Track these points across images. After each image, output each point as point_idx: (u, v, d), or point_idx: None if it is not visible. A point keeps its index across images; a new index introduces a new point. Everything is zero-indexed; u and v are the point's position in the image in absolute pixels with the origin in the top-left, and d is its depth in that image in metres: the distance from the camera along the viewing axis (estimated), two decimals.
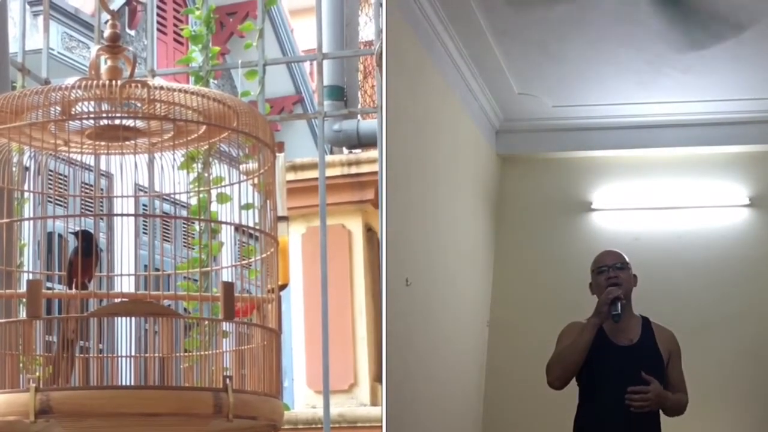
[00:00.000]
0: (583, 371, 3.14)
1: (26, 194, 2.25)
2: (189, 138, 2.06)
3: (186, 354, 2.04)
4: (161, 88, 1.94)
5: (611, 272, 3.19)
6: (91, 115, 2.00)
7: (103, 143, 2.06)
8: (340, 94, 4.69)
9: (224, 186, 2.15)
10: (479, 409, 4.46)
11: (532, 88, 4.32)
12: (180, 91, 1.95)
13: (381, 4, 3.29)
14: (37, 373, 1.84)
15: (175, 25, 11.24)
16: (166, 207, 2.19)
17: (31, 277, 2.25)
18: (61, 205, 2.15)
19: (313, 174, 3.84)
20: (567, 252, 4.47)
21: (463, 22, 3.83)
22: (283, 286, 2.23)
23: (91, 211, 2.11)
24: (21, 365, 1.90)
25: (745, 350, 4.03)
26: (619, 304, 3.12)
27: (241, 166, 2.12)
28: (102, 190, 2.29)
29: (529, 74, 4.22)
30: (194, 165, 3.04)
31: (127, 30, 10.72)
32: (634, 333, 3.21)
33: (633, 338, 3.20)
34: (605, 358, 3.14)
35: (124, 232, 2.23)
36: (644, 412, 3.12)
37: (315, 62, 3.48)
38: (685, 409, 3.19)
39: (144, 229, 7.11)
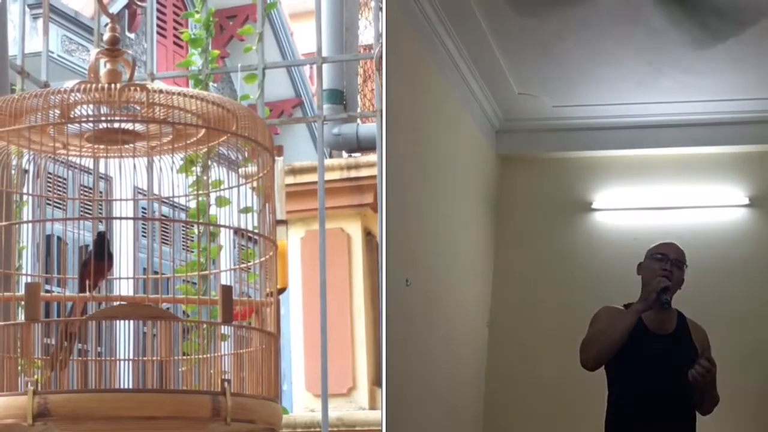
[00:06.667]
0: (616, 358, 3.10)
1: (25, 197, 2.25)
2: (188, 141, 2.06)
3: (185, 357, 2.04)
4: (160, 91, 1.94)
5: (668, 264, 3.15)
6: (91, 119, 2.00)
7: (102, 146, 2.06)
8: (339, 97, 4.69)
9: (223, 189, 2.15)
10: (479, 410, 4.46)
11: (532, 88, 4.32)
12: (179, 94, 1.95)
13: (381, 8, 3.29)
14: (36, 376, 1.83)
15: (175, 29, 11.24)
16: (165, 210, 2.19)
17: (29, 279, 2.25)
18: (60, 208, 2.15)
19: (312, 178, 3.83)
20: (567, 252, 4.47)
21: (463, 23, 3.83)
22: (282, 290, 2.24)
23: (90, 214, 2.11)
24: (19, 368, 1.90)
25: (745, 350, 4.04)
26: (669, 295, 3.10)
27: (240, 170, 2.12)
28: (101, 193, 2.29)
29: (529, 74, 4.22)
30: (193, 168, 3.04)
31: (127, 33, 10.72)
32: (671, 325, 3.20)
33: (669, 329, 3.19)
34: (642, 346, 3.12)
35: (123, 235, 2.23)
36: (679, 405, 3.11)
37: (314, 66, 3.48)
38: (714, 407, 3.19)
39: (143, 232, 7.12)
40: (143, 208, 2.18)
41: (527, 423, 4.33)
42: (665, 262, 3.15)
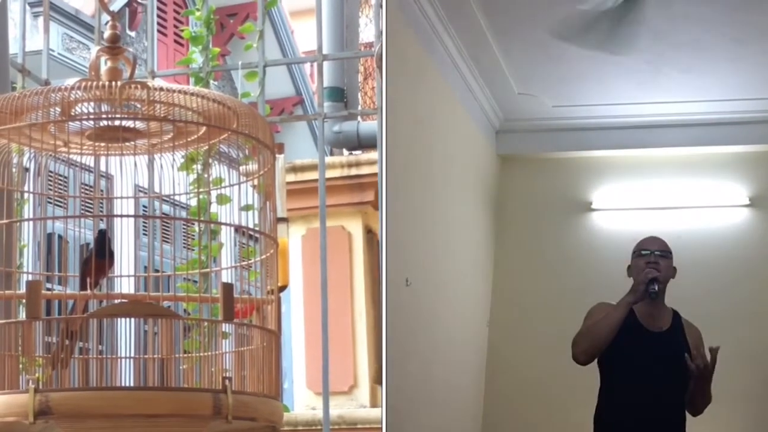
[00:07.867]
0: (609, 353, 3.11)
1: (26, 195, 2.25)
2: (189, 139, 2.06)
3: (186, 355, 2.04)
4: (161, 89, 1.95)
5: (652, 257, 3.16)
6: (91, 116, 2.00)
7: (102, 144, 2.06)
8: (340, 95, 4.69)
9: (224, 187, 2.15)
10: (479, 409, 4.46)
11: (532, 88, 4.32)
12: (180, 92, 1.95)
13: (381, 6, 3.29)
14: (37, 374, 1.83)
15: (176, 27, 11.24)
16: (166, 208, 2.19)
17: (30, 278, 2.25)
18: (60, 206, 2.15)
19: (313, 175, 3.83)
20: (567, 252, 4.47)
21: (463, 22, 3.83)
22: (283, 288, 2.24)
23: (91, 212, 2.11)
24: (21, 366, 1.90)
25: (744, 351, 4.03)
26: (656, 285, 3.10)
27: (240, 168, 2.12)
28: (102, 191, 2.30)
29: (529, 74, 4.22)
30: (194, 166, 3.04)
31: (128, 31, 10.73)
32: (665, 321, 3.19)
33: (663, 326, 3.18)
34: (634, 342, 3.11)
35: (124, 233, 2.23)
36: (669, 401, 3.11)
37: (315, 63, 3.49)
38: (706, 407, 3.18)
39: (144, 230, 7.12)
40: (144, 206, 2.18)
41: (527, 422, 4.33)
42: (650, 255, 3.17)
